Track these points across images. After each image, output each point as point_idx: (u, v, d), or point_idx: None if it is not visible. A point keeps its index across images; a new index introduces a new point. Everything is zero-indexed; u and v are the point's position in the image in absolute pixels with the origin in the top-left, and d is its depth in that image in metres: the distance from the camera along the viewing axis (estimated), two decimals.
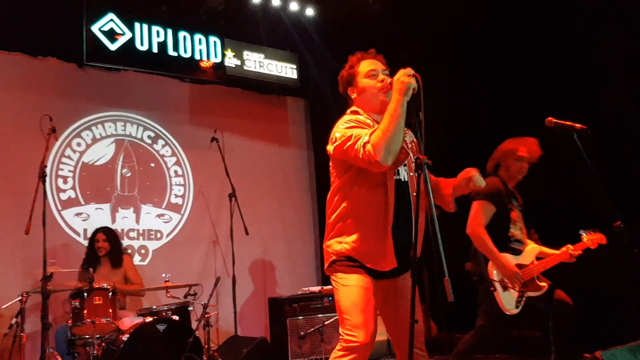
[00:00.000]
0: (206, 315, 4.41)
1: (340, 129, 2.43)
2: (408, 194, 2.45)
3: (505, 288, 3.37)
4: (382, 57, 2.62)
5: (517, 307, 3.37)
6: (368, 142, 2.27)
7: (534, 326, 5.01)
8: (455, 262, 2.46)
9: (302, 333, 5.18)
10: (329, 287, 5.70)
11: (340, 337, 2.41)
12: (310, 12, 6.72)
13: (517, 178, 3.64)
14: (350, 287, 2.40)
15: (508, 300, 3.37)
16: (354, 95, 2.59)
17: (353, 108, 2.58)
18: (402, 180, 2.46)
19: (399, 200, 2.41)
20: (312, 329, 5.12)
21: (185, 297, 4.76)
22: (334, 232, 2.50)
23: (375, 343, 5.56)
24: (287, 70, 7.02)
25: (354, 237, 2.42)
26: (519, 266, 3.44)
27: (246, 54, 6.70)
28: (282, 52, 7.01)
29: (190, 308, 4.71)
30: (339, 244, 2.46)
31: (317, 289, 5.70)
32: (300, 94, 7.45)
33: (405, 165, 2.48)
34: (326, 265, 2.55)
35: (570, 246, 3.55)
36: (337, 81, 2.69)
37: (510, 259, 3.44)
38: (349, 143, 2.33)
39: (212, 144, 5.75)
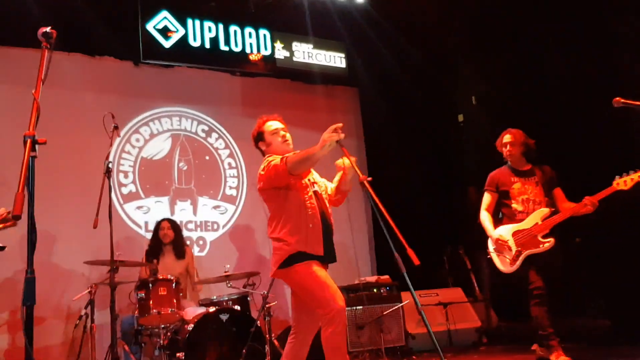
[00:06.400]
0: (267, 305, 4.46)
1: (266, 166, 3.09)
2: (323, 202, 3.20)
3: (499, 253, 4.16)
4: (281, 118, 3.42)
5: (512, 265, 4.07)
6: (285, 157, 3.01)
7: (601, 314, 4.87)
8: None
9: (359, 323, 5.17)
10: (386, 276, 5.68)
11: (323, 309, 2.83)
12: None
13: (520, 160, 4.28)
14: (314, 274, 2.92)
15: (502, 262, 4.15)
16: (264, 148, 3.32)
17: (269, 155, 3.23)
18: (318, 192, 3.21)
19: (319, 205, 3.12)
20: (371, 320, 5.10)
21: (244, 287, 4.83)
22: (278, 239, 3.07)
23: (434, 333, 5.60)
24: (335, 59, 6.99)
25: (295, 237, 3.00)
26: (519, 231, 4.07)
27: (295, 45, 6.71)
28: (330, 42, 6.99)
29: (249, 298, 4.78)
30: (285, 245, 3.01)
31: (373, 278, 5.67)
32: (349, 82, 7.40)
33: (316, 182, 3.28)
34: (277, 266, 3.04)
35: (587, 197, 3.92)
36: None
37: (506, 229, 4.13)
38: (270, 166, 3.03)
39: None
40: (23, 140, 1.80)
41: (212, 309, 4.35)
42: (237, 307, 4.51)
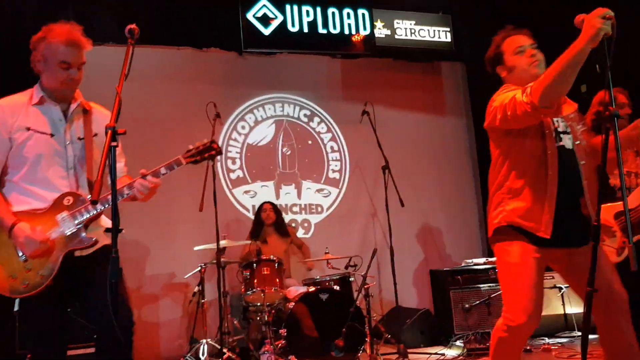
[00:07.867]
0: (366, 286, 4.46)
1: (496, 100, 2.38)
2: (574, 163, 2.36)
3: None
4: (527, 30, 2.51)
5: (618, 254, 3.29)
6: (528, 88, 2.20)
7: None
8: None
9: (467, 306, 5.00)
10: (494, 258, 5.41)
11: (503, 313, 2.37)
12: None
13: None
14: (509, 264, 2.35)
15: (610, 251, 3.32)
16: (503, 74, 2.51)
17: (506, 85, 2.49)
18: (566, 147, 2.36)
19: (563, 168, 2.31)
20: (478, 302, 4.92)
21: (345, 268, 4.87)
22: (495, 201, 2.47)
23: (550, 317, 5.14)
24: (440, 34, 6.73)
25: (515, 204, 2.37)
26: (621, 213, 3.29)
27: (396, 23, 6.56)
28: (434, 16, 6.75)
29: (351, 279, 4.81)
30: (500, 212, 2.41)
31: (481, 260, 5.46)
32: (455, 58, 7.09)
33: (569, 133, 2.39)
34: (489, 234, 2.51)
35: None
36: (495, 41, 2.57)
37: (606, 209, 3.24)
38: (507, 101, 2.27)
39: (363, 117, 5.76)
40: (105, 131, 1.95)
41: (312, 289, 4.44)
42: (337, 287, 4.55)
